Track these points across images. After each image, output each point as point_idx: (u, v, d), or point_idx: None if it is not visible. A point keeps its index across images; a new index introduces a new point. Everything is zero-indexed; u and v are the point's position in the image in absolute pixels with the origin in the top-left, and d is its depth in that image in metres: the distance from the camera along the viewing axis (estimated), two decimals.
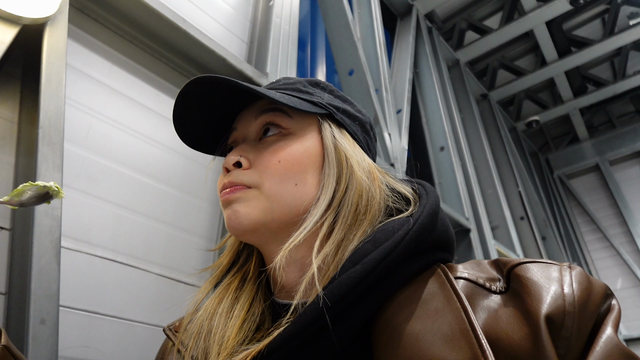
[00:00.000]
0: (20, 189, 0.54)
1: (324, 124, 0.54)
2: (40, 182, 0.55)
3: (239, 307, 0.51)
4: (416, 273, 0.45)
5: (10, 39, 0.91)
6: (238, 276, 0.55)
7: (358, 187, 0.50)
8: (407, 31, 3.36)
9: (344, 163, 0.51)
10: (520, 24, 3.89)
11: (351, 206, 0.49)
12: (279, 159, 0.50)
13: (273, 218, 0.49)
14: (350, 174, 0.50)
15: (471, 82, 4.36)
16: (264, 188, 0.50)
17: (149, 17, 1.27)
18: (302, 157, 0.51)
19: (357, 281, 0.41)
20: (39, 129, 0.89)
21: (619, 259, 4.80)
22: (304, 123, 0.54)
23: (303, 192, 0.50)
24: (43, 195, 0.55)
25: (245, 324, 0.49)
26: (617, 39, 4.07)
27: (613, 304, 0.38)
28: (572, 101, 4.91)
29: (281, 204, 0.49)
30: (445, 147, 3.00)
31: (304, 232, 0.47)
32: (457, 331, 0.37)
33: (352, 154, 0.52)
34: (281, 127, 0.53)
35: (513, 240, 3.15)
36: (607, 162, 5.28)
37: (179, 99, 0.53)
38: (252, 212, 0.49)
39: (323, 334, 0.41)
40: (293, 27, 1.85)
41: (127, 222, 1.12)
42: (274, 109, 0.53)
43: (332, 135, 0.53)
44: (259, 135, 0.54)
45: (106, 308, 1.01)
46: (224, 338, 0.47)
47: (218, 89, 0.52)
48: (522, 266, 0.40)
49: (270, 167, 0.50)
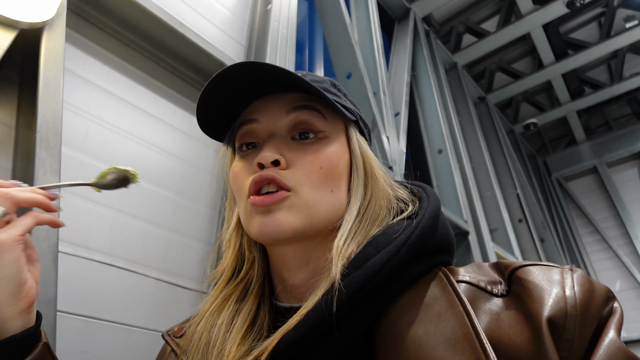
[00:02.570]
0: (104, 171, 0.56)
1: (351, 129, 0.53)
2: (121, 166, 0.57)
3: (240, 320, 0.49)
4: (418, 276, 0.45)
5: (7, 43, 0.91)
6: (240, 286, 0.54)
7: (382, 195, 0.50)
8: (404, 34, 3.37)
9: (369, 171, 0.52)
10: (517, 27, 3.91)
11: (374, 213, 0.49)
12: (320, 164, 0.49)
13: (312, 226, 0.48)
14: (375, 182, 0.51)
15: (469, 85, 4.37)
16: (302, 193, 0.48)
17: (146, 21, 1.27)
18: (339, 163, 0.50)
19: (360, 286, 0.41)
20: (37, 133, 0.89)
21: (618, 261, 4.80)
22: (336, 127, 0.52)
23: (337, 199, 0.50)
24: (122, 179, 0.57)
25: (245, 340, 0.48)
26: (613, 42, 4.09)
27: (615, 306, 0.38)
28: (569, 104, 4.92)
29: (319, 211, 0.48)
30: (443, 150, 3.00)
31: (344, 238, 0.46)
32: (460, 335, 0.37)
33: (375, 163, 0.53)
34: (317, 130, 0.51)
35: (512, 243, 3.15)
36: (604, 164, 5.30)
37: (212, 84, 0.49)
38: (293, 220, 0.47)
39: (326, 339, 0.41)
40: (291, 31, 1.86)
41: (125, 227, 1.12)
42: (309, 107, 0.50)
43: (358, 142, 0.53)
44: (291, 133, 0.51)
45: (104, 313, 1.00)
46: (223, 352, 0.46)
47: (254, 75, 0.49)
48: (524, 269, 0.40)
49: (311, 171, 0.49)
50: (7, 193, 0.47)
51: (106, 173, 0.56)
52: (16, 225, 0.46)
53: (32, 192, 0.49)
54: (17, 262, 0.45)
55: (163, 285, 1.15)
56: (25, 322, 0.47)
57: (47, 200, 0.50)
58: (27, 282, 0.47)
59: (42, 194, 0.50)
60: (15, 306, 0.46)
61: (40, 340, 0.50)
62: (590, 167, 5.40)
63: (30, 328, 0.48)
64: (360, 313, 0.42)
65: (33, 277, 0.50)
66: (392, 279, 0.43)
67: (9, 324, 0.46)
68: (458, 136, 3.27)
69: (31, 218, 0.48)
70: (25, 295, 0.47)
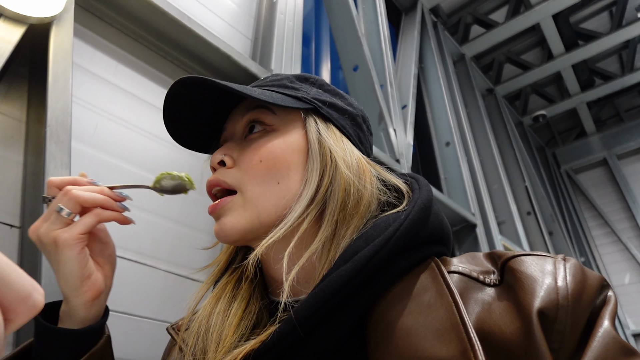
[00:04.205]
0: (159, 176, 0.57)
1: (309, 119, 0.53)
2: (175, 172, 0.57)
3: (235, 306, 0.51)
4: (410, 268, 0.45)
5: (17, 38, 0.92)
6: (235, 276, 0.55)
7: (343, 181, 0.48)
8: (412, 26, 3.34)
9: (328, 158, 0.50)
10: (526, 17, 3.85)
11: (337, 202, 0.48)
12: (260, 157, 0.50)
13: (260, 223, 0.49)
14: (334, 169, 0.49)
15: (477, 76, 4.33)
16: (246, 192, 0.50)
17: (154, 15, 1.27)
18: (285, 153, 0.50)
19: (348, 278, 0.41)
20: (47, 127, 0.90)
21: (627, 254, 4.76)
22: (288, 119, 0.53)
23: (286, 190, 0.49)
24: (179, 186, 0.57)
25: (242, 323, 0.49)
26: (625, 32, 4.01)
27: (609, 295, 0.38)
28: (579, 95, 4.86)
29: (266, 206, 0.49)
30: (451, 142, 2.98)
31: (285, 228, 0.47)
32: (448, 325, 0.37)
33: (337, 149, 0.51)
34: (265, 124, 0.52)
35: (520, 236, 3.14)
36: (614, 156, 5.23)
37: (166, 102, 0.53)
38: (238, 222, 0.49)
39: (316, 332, 0.41)
40: (297, 24, 1.85)
41: (135, 220, 1.13)
42: (258, 106, 0.53)
43: (317, 130, 0.52)
44: (244, 133, 0.54)
45: (115, 304, 1.02)
46: (221, 336, 0.48)
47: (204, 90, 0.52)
48: (517, 259, 0.40)
49: (251, 167, 0.50)
50: (70, 192, 0.48)
51: (160, 178, 0.57)
52: (78, 224, 0.48)
53: (98, 193, 0.50)
54: (78, 259, 0.47)
55: (172, 277, 1.16)
56: (88, 314, 0.51)
57: (111, 201, 0.51)
58: (92, 277, 0.50)
59: (108, 194, 0.51)
60: (78, 298, 0.49)
61: (104, 333, 0.53)
62: (600, 159, 5.34)
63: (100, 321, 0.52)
64: (350, 305, 0.42)
65: (102, 271, 0.52)
66: (381, 271, 0.43)
67: (74, 313, 0.50)
68: (466, 128, 3.24)
69: (93, 216, 0.49)
70: (89, 289, 0.49)
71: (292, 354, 0.41)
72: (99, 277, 0.51)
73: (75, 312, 0.50)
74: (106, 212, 0.51)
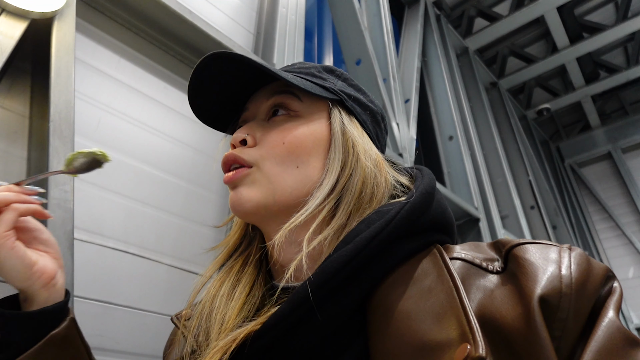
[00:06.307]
0: (70, 157, 0.56)
1: (334, 109, 0.54)
2: (85, 149, 0.57)
3: (239, 290, 0.51)
4: (412, 253, 0.45)
5: (19, 33, 0.92)
6: (240, 259, 0.56)
7: (363, 173, 0.50)
8: (415, 19, 3.32)
9: (350, 149, 0.51)
10: (530, 9, 3.82)
11: (355, 192, 0.49)
12: (283, 140, 0.51)
13: (275, 200, 0.50)
14: (355, 160, 0.50)
15: (480, 70, 4.31)
16: (264, 168, 0.50)
17: (156, 10, 1.27)
18: (307, 140, 0.51)
19: (348, 259, 0.41)
20: (50, 122, 0.91)
21: (631, 248, 4.74)
22: (314, 107, 0.54)
23: (305, 176, 0.50)
24: (92, 162, 0.57)
25: (245, 306, 0.50)
26: (630, 24, 3.98)
27: (615, 286, 0.37)
28: (583, 88, 4.83)
29: (283, 186, 0.50)
30: (454, 136, 2.97)
31: (306, 214, 0.47)
32: (448, 309, 0.37)
33: (360, 141, 0.52)
34: (290, 109, 0.53)
35: (523, 230, 3.13)
36: (619, 149, 5.20)
37: (195, 72, 0.53)
38: (254, 194, 0.50)
39: (316, 313, 0.41)
40: (299, 17, 1.84)
41: (139, 214, 1.14)
42: (286, 91, 0.53)
43: (340, 121, 0.53)
44: (268, 115, 0.54)
45: (119, 298, 1.02)
46: (224, 319, 0.48)
47: (234, 67, 0.52)
48: (521, 247, 0.40)
49: (274, 147, 0.51)
50: None
51: (72, 159, 0.56)
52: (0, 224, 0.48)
53: (6, 191, 0.50)
54: (13, 254, 0.48)
55: (175, 272, 1.17)
56: (50, 294, 0.52)
57: (22, 196, 0.51)
58: (39, 262, 0.51)
59: (16, 190, 0.51)
60: (34, 285, 0.50)
61: (69, 315, 0.54)
62: (604, 152, 5.31)
63: (59, 302, 0.53)
64: (350, 287, 0.42)
65: (48, 254, 0.53)
66: (382, 254, 0.44)
67: (36, 298, 0.51)
68: (469, 122, 3.23)
69: (12, 211, 0.49)
70: (42, 272, 0.51)
71: (291, 335, 0.42)
72: (47, 259, 0.52)
73: (36, 298, 0.51)
74: (23, 206, 0.51)
